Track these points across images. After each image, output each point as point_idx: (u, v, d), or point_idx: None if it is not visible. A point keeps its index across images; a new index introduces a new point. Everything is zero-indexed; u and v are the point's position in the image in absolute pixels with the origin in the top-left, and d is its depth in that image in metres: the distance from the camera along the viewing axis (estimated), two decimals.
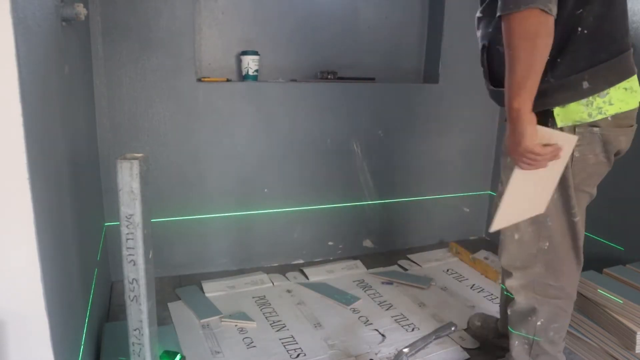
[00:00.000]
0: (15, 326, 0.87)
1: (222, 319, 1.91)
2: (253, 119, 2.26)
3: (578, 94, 1.15)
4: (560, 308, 1.37)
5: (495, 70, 1.25)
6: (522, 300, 1.37)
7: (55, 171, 1.09)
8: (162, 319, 1.88)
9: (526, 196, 1.23)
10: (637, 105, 1.19)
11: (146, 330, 1.17)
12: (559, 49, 1.12)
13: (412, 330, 1.88)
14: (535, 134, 1.11)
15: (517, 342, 1.44)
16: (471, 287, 2.23)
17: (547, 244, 1.30)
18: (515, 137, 1.13)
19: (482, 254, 2.58)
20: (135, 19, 2.00)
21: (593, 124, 1.19)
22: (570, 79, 1.14)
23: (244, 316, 1.93)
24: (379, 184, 2.54)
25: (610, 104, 1.16)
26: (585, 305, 1.72)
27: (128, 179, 1.07)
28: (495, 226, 1.24)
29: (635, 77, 1.17)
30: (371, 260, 2.51)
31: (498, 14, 1.07)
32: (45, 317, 0.89)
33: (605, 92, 1.15)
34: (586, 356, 1.70)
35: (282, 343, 1.78)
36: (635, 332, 1.53)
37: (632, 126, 1.25)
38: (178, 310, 1.99)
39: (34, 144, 0.86)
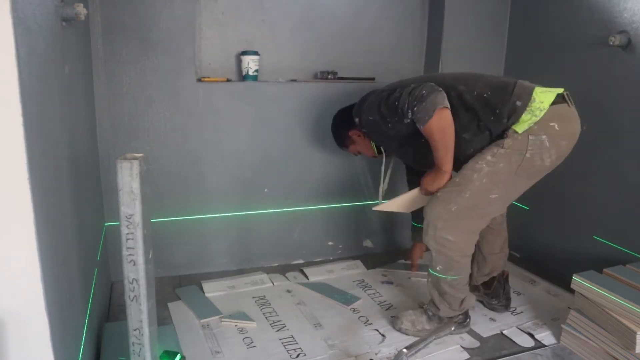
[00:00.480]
0: (15, 326, 0.87)
1: (222, 319, 1.91)
2: (253, 119, 2.26)
3: (519, 111, 1.64)
4: (452, 260, 1.73)
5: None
6: (431, 246, 1.77)
7: (55, 171, 1.09)
8: (162, 319, 1.88)
9: (408, 201, 1.94)
10: (555, 96, 1.64)
11: (146, 330, 1.17)
12: (486, 115, 1.67)
13: None
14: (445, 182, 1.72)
15: (429, 278, 1.83)
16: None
17: (454, 208, 1.69)
18: (437, 182, 1.72)
19: None
20: (135, 19, 2.00)
21: (541, 133, 1.62)
22: (505, 107, 1.65)
23: (244, 316, 1.93)
24: (379, 184, 2.53)
25: (542, 101, 1.62)
26: (585, 305, 1.72)
27: (128, 179, 1.07)
28: (379, 207, 1.97)
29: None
30: (371, 260, 2.50)
31: (420, 127, 1.62)
32: (45, 317, 0.89)
33: (531, 98, 1.63)
34: (586, 356, 1.70)
35: (282, 343, 1.78)
36: (635, 332, 1.53)
37: (573, 133, 1.69)
38: (178, 310, 1.99)
39: (34, 144, 0.86)
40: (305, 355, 1.71)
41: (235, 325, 1.89)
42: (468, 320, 1.88)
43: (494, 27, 2.58)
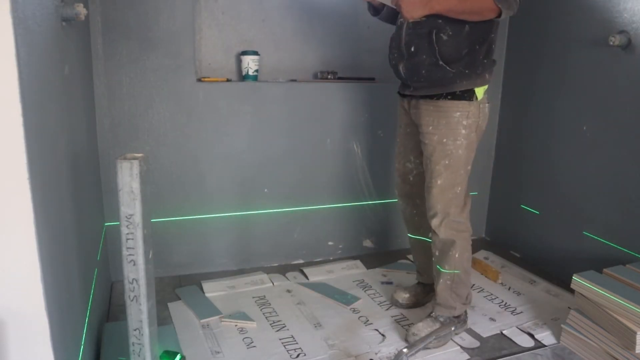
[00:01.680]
0: (15, 326, 0.87)
1: (222, 319, 1.91)
2: (253, 119, 2.26)
3: (485, 82, 1.70)
4: (466, 240, 1.81)
5: (443, 51, 1.66)
6: (443, 236, 1.77)
7: (55, 171, 1.09)
8: (162, 319, 1.88)
9: None
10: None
11: (146, 330, 1.17)
12: (486, 55, 1.68)
13: None
14: (419, 11, 1.56)
15: (441, 280, 1.80)
16: (471, 287, 2.23)
17: (459, 189, 1.75)
18: (417, 5, 1.54)
19: (481, 254, 2.58)
20: (135, 19, 2.00)
21: (485, 101, 1.73)
22: (484, 73, 1.68)
23: (244, 316, 1.93)
24: (379, 184, 2.54)
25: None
26: (585, 305, 1.72)
27: (128, 179, 1.07)
28: None
29: None
30: (371, 260, 2.51)
31: None
32: (45, 317, 0.89)
33: (488, 83, 1.72)
34: (586, 356, 1.70)
35: (282, 343, 1.78)
36: (635, 332, 1.53)
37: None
38: (178, 310, 1.99)
39: (34, 144, 0.86)
40: (305, 355, 1.71)
41: (235, 325, 1.89)
42: (467, 316, 1.89)
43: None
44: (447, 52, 1.63)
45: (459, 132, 1.69)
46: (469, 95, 1.68)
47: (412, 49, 1.68)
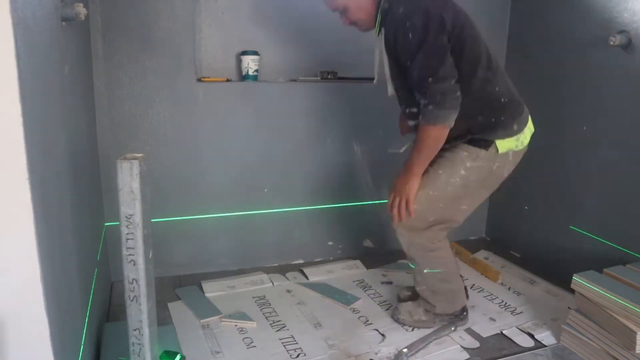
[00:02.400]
0: (15, 326, 0.87)
1: (222, 319, 1.91)
2: (253, 119, 2.26)
3: (512, 133, 1.70)
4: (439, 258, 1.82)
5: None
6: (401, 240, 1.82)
7: (55, 171, 1.09)
8: (162, 319, 1.88)
9: None
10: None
11: (146, 330, 1.17)
12: (495, 115, 1.67)
13: (412, 330, 1.88)
14: (416, 189, 1.67)
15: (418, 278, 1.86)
16: (471, 287, 2.23)
17: (432, 219, 1.74)
18: (405, 186, 1.67)
19: (482, 254, 2.58)
20: (135, 19, 2.00)
21: (510, 152, 1.72)
22: (505, 124, 1.68)
23: (244, 316, 1.93)
24: (379, 184, 2.54)
25: (525, 138, 1.75)
26: (585, 305, 1.72)
27: (128, 179, 1.07)
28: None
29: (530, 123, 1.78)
30: (371, 260, 2.50)
31: (421, 121, 1.58)
32: (45, 317, 0.89)
33: (524, 130, 1.73)
34: (586, 356, 1.70)
35: (282, 343, 1.78)
36: (635, 332, 1.53)
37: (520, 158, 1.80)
38: (178, 310, 1.99)
39: (34, 144, 0.86)
40: (305, 355, 1.71)
41: (235, 325, 1.89)
42: (466, 313, 1.90)
43: (494, 27, 2.58)
44: (454, 130, 1.62)
45: (458, 171, 1.69)
46: (486, 144, 1.68)
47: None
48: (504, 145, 1.69)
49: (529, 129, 1.77)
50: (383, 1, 1.63)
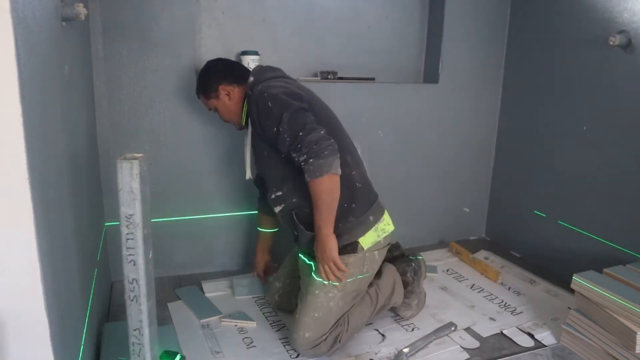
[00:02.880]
0: (15, 326, 0.87)
1: (222, 319, 1.91)
2: None
3: (369, 226, 1.71)
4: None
5: (307, 223, 1.69)
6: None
7: (55, 171, 1.09)
8: (162, 319, 1.88)
9: None
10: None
11: (146, 330, 1.17)
12: (350, 199, 1.67)
13: (412, 330, 1.88)
14: (336, 247, 1.62)
15: None
16: (471, 287, 2.23)
17: (327, 336, 1.68)
18: (325, 251, 1.62)
19: (482, 254, 2.58)
20: (135, 19, 2.00)
21: (374, 249, 1.73)
22: (362, 218, 1.70)
23: (244, 316, 1.93)
24: (379, 184, 2.53)
25: (387, 224, 1.78)
26: (585, 305, 1.72)
27: (128, 179, 1.07)
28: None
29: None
30: None
31: (308, 179, 1.54)
32: (45, 317, 0.89)
33: (381, 218, 1.76)
34: (586, 356, 1.70)
35: (282, 343, 1.78)
36: (635, 332, 1.53)
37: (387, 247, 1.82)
38: (178, 310, 1.99)
39: (34, 144, 0.86)
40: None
41: (235, 325, 1.89)
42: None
43: (494, 27, 2.59)
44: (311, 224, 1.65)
45: (330, 286, 1.67)
46: (352, 247, 1.68)
47: (293, 232, 1.76)
48: (367, 241, 1.70)
49: (387, 216, 1.79)
50: (246, 95, 1.75)
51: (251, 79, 1.74)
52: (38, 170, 0.88)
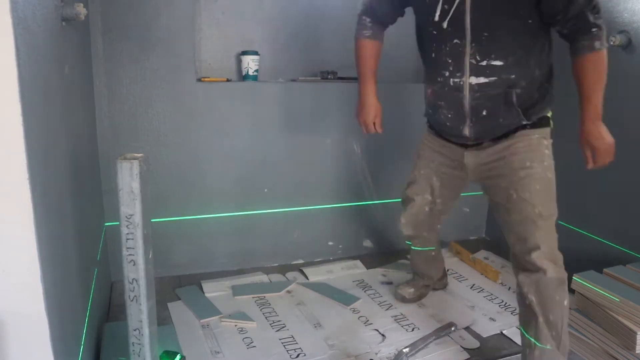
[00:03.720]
0: (15, 326, 0.87)
1: (222, 319, 1.91)
2: (253, 119, 2.26)
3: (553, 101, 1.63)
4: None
5: (521, 105, 1.51)
6: (552, 274, 1.61)
7: (55, 171, 1.09)
8: (162, 319, 1.88)
9: None
10: None
11: (146, 330, 1.17)
12: (551, 76, 1.62)
13: (412, 330, 1.88)
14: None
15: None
16: (471, 287, 2.23)
17: (554, 219, 1.65)
18: (604, 136, 1.49)
19: (482, 254, 2.58)
20: (135, 19, 2.00)
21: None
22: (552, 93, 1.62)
23: (244, 316, 1.93)
24: (379, 184, 2.54)
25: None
26: (585, 305, 1.72)
27: (128, 179, 1.07)
28: None
29: None
30: (371, 260, 2.50)
31: (597, 48, 1.41)
32: (45, 317, 0.89)
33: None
34: (586, 356, 1.70)
35: (282, 343, 1.78)
36: (635, 332, 1.53)
37: None
38: (178, 310, 1.99)
39: (34, 144, 0.86)
40: (305, 355, 1.71)
41: (235, 325, 1.89)
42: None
43: None
44: (524, 105, 1.50)
45: (543, 153, 1.55)
46: (545, 121, 1.60)
47: (484, 113, 1.50)
48: (550, 116, 1.60)
49: None
50: None
51: None
52: (38, 170, 0.88)
